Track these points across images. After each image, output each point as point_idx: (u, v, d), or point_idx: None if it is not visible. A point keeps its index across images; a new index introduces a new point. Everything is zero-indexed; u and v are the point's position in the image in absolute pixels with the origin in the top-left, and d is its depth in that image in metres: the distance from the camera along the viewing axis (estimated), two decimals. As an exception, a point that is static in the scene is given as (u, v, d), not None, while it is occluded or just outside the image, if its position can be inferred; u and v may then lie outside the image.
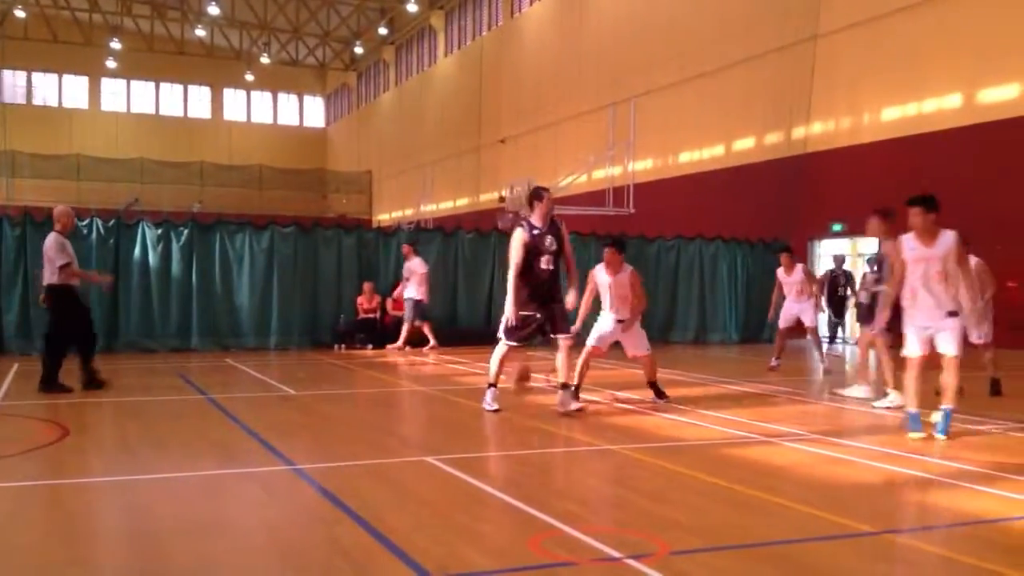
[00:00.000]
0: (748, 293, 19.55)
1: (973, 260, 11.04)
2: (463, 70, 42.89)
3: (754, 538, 4.69)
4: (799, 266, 13.57)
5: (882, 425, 8.67)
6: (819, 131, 21.87)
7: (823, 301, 15.53)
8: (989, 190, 17.14)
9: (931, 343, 7.63)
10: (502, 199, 26.85)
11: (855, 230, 18.63)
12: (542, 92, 34.44)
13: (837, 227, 20.69)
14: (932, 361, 7.72)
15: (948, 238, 7.61)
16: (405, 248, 16.39)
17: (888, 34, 19.75)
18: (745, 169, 23.63)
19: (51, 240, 9.77)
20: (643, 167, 27.26)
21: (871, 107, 20.50)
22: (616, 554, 4.30)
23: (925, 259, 7.60)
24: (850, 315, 19.76)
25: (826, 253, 21.48)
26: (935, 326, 7.58)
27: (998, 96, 17.61)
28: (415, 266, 16.03)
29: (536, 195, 8.85)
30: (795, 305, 13.43)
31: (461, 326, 17.75)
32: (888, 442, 7.62)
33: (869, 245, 20.33)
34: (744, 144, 24.38)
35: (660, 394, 9.65)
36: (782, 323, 13.63)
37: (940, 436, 7.45)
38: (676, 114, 26.57)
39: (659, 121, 26.72)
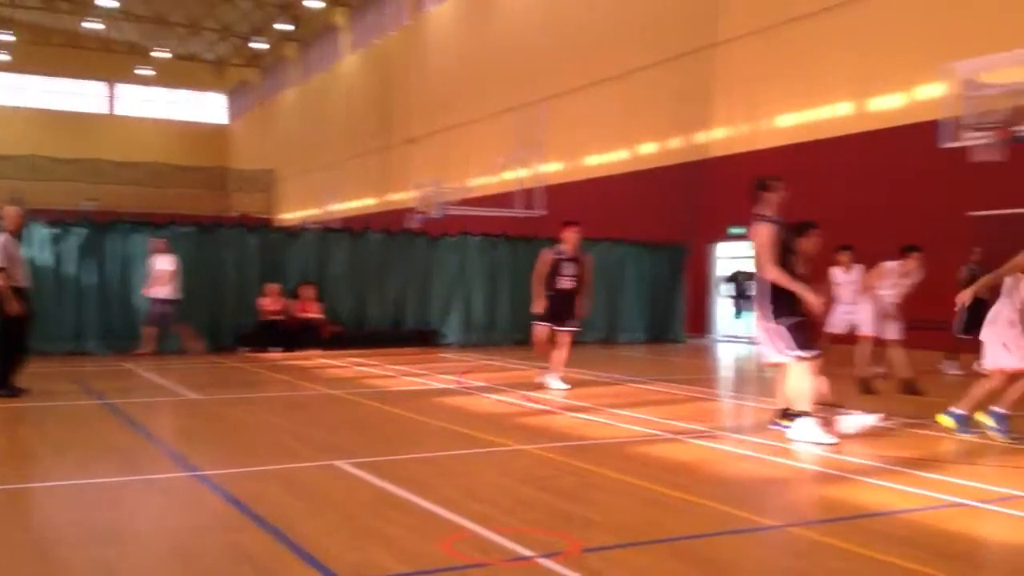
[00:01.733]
0: (653, 294, 19.98)
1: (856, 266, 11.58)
2: (370, 68, 42.48)
3: (664, 534, 4.79)
4: (857, 265, 12.04)
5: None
6: (720, 137, 22.45)
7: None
8: (877, 194, 17.87)
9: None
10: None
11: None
12: (451, 92, 34.40)
13: (735, 231, 21.29)
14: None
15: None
16: (158, 244, 15.13)
17: (783, 43, 20.41)
18: (650, 173, 24.09)
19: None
20: (553, 169, 27.51)
21: (768, 114, 21.15)
22: (528, 553, 4.33)
23: None
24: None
25: (723, 256, 22.11)
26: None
27: (885, 105, 18.39)
28: (165, 263, 14.93)
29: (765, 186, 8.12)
30: (849, 308, 11.91)
31: (370, 327, 17.59)
32: (785, 437, 7.88)
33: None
34: (649, 148, 24.84)
35: None
36: (834, 328, 12.05)
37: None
38: (584, 117, 26.89)
39: (568, 124, 27.01)
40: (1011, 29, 15.08)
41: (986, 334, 7.72)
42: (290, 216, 47.79)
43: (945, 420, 7.88)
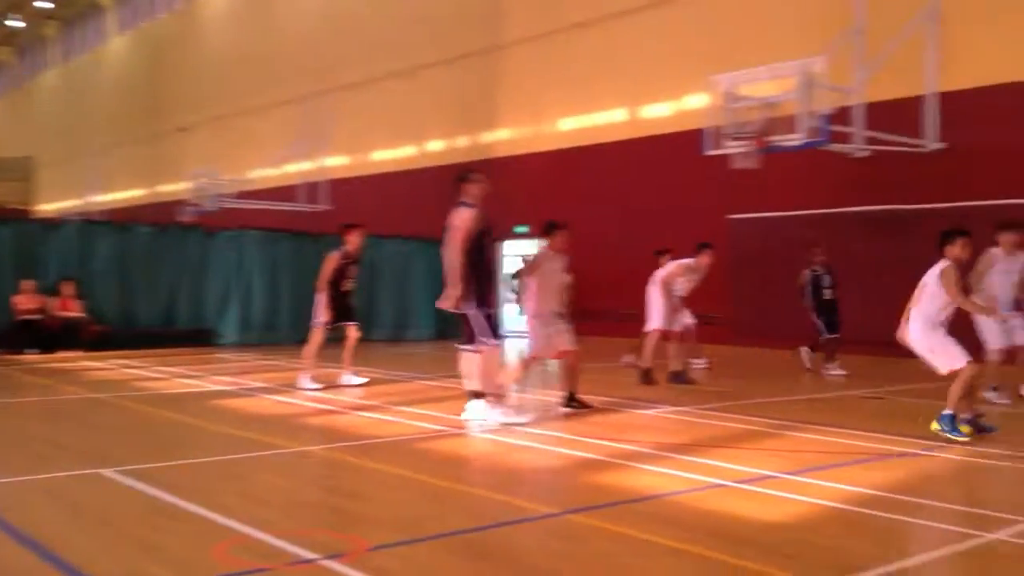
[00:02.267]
0: (441, 291, 20.06)
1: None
2: (139, 52, 40.00)
3: (448, 527, 4.84)
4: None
5: (560, 413, 9.30)
6: (504, 137, 22.97)
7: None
8: (649, 197, 18.94)
9: None
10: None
11: (537, 233, 19.83)
12: (229, 80, 33.03)
13: (521, 229, 21.86)
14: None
15: None
16: None
17: (562, 49, 21.19)
18: (437, 170, 24.24)
19: None
20: (338, 163, 27.07)
21: (549, 117, 21.88)
22: (311, 555, 4.24)
23: None
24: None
25: (510, 254, 22.62)
26: None
27: (656, 113, 19.53)
28: None
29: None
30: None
31: (139, 327, 16.55)
32: (565, 427, 8.20)
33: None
34: (436, 145, 25.01)
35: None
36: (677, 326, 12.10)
37: None
38: (370, 111, 26.65)
39: (353, 117, 26.67)
40: (769, 45, 16.41)
41: (917, 345, 7.53)
42: (51, 207, 44.14)
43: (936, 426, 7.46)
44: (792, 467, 6.39)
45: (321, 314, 11.01)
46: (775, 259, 16.68)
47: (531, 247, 22.07)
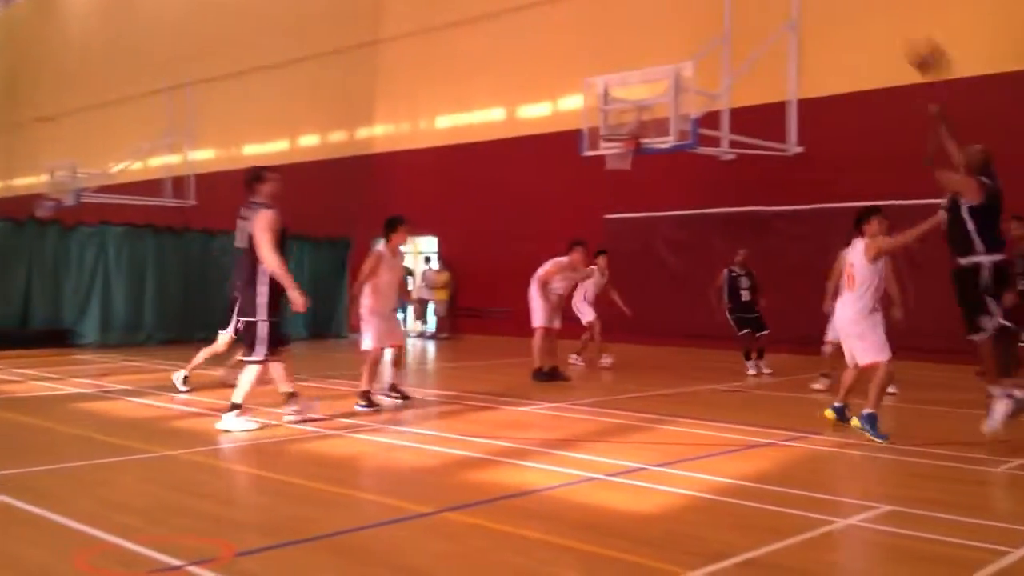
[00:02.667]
0: (316, 290, 19.67)
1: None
2: (-8, 37, 37.69)
3: (320, 530, 4.76)
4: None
5: (437, 412, 9.30)
6: (382, 133, 22.75)
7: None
8: (527, 197, 19.12)
9: None
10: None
11: (416, 230, 19.70)
12: (92, 70, 31.51)
13: (399, 226, 21.69)
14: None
15: None
16: None
17: (441, 46, 21.14)
18: (311, 166, 23.80)
19: None
20: (205, 157, 26.20)
21: (427, 114, 21.80)
22: (177, 562, 4.10)
23: None
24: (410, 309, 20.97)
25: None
26: None
27: (534, 113, 19.74)
28: None
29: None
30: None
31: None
32: (443, 426, 8.20)
33: (429, 244, 21.67)
34: (310, 141, 24.54)
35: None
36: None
37: None
38: (240, 105, 25.91)
39: (222, 111, 25.88)
40: (643, 49, 16.84)
41: (849, 327, 7.63)
42: None
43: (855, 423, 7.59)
44: (661, 459, 6.58)
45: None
46: (649, 258, 17.15)
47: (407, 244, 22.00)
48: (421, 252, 21.80)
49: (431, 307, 20.98)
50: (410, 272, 21.23)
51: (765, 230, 15.62)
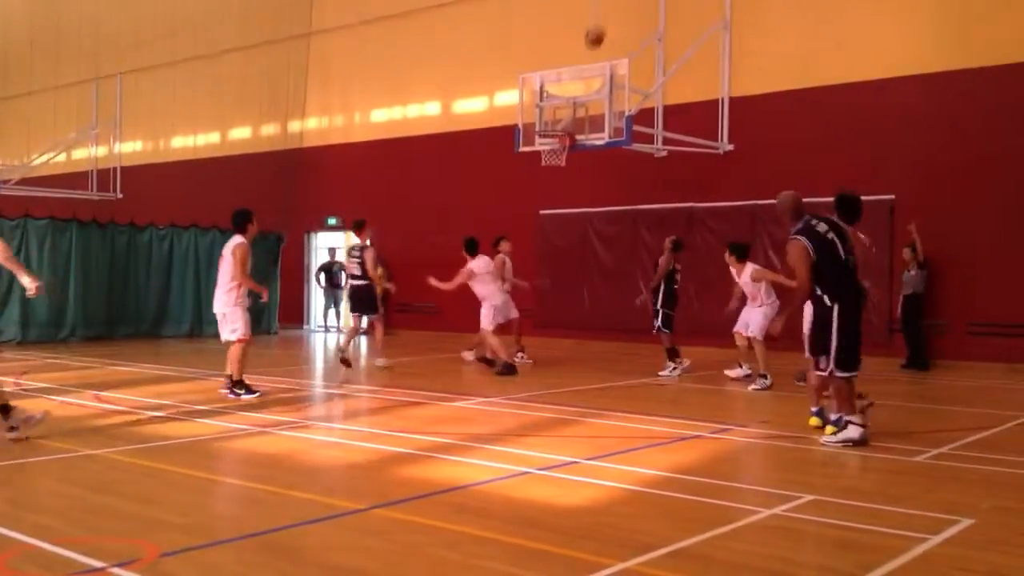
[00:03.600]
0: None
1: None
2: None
3: (248, 529, 4.69)
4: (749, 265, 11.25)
5: (368, 408, 9.23)
6: (315, 127, 22.45)
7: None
8: (461, 192, 19.08)
9: None
10: None
11: (348, 225, 19.53)
12: (11, 58, 30.47)
13: (332, 220, 21.46)
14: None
15: None
16: None
17: (375, 40, 20.93)
18: (242, 159, 23.37)
19: None
20: (132, 149, 25.54)
21: (362, 108, 21.58)
22: (99, 564, 4.00)
23: None
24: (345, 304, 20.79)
25: (322, 245, 22.20)
26: None
27: (468, 108, 19.69)
28: None
29: None
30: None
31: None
32: (373, 422, 8.14)
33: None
34: (241, 133, 24.10)
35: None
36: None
37: None
38: (168, 96, 25.30)
39: (150, 102, 25.23)
40: (578, 46, 16.81)
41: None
42: None
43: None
44: (592, 453, 6.64)
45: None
46: (582, 252, 17.26)
47: (339, 239, 21.80)
48: (353, 247, 21.57)
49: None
50: (342, 267, 21.03)
51: (695, 226, 15.86)
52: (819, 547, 4.57)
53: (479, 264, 12.21)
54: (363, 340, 16.31)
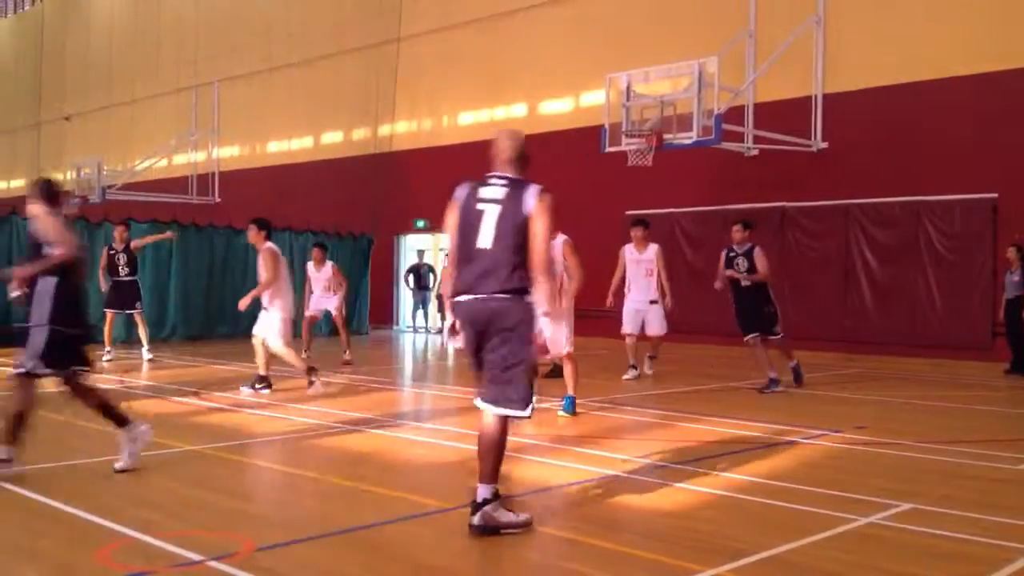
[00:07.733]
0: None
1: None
2: (19, 36, 38.10)
3: (338, 526, 4.78)
4: (653, 246, 12.10)
5: (455, 408, 9.31)
6: (404, 130, 22.79)
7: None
8: (551, 192, 19.05)
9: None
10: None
11: (437, 227, 19.75)
12: (115, 68, 31.79)
13: (420, 223, 21.74)
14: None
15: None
16: None
17: (462, 44, 21.13)
18: (334, 163, 23.90)
19: None
20: (229, 155, 26.37)
21: (449, 111, 21.80)
22: (197, 557, 4.14)
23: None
24: (433, 305, 21.06)
25: (410, 248, 22.51)
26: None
27: (555, 109, 19.69)
28: None
29: None
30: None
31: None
32: (464, 423, 8.20)
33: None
34: (332, 138, 24.63)
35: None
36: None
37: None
38: (263, 103, 26.05)
39: (246, 109, 26.01)
40: (666, 44, 16.69)
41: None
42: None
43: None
44: (681, 457, 6.56)
45: None
46: (667, 254, 17.02)
47: (427, 242, 22.06)
48: (443, 248, 21.85)
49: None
50: (431, 269, 21.33)
51: (787, 226, 15.51)
52: (917, 557, 4.41)
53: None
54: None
